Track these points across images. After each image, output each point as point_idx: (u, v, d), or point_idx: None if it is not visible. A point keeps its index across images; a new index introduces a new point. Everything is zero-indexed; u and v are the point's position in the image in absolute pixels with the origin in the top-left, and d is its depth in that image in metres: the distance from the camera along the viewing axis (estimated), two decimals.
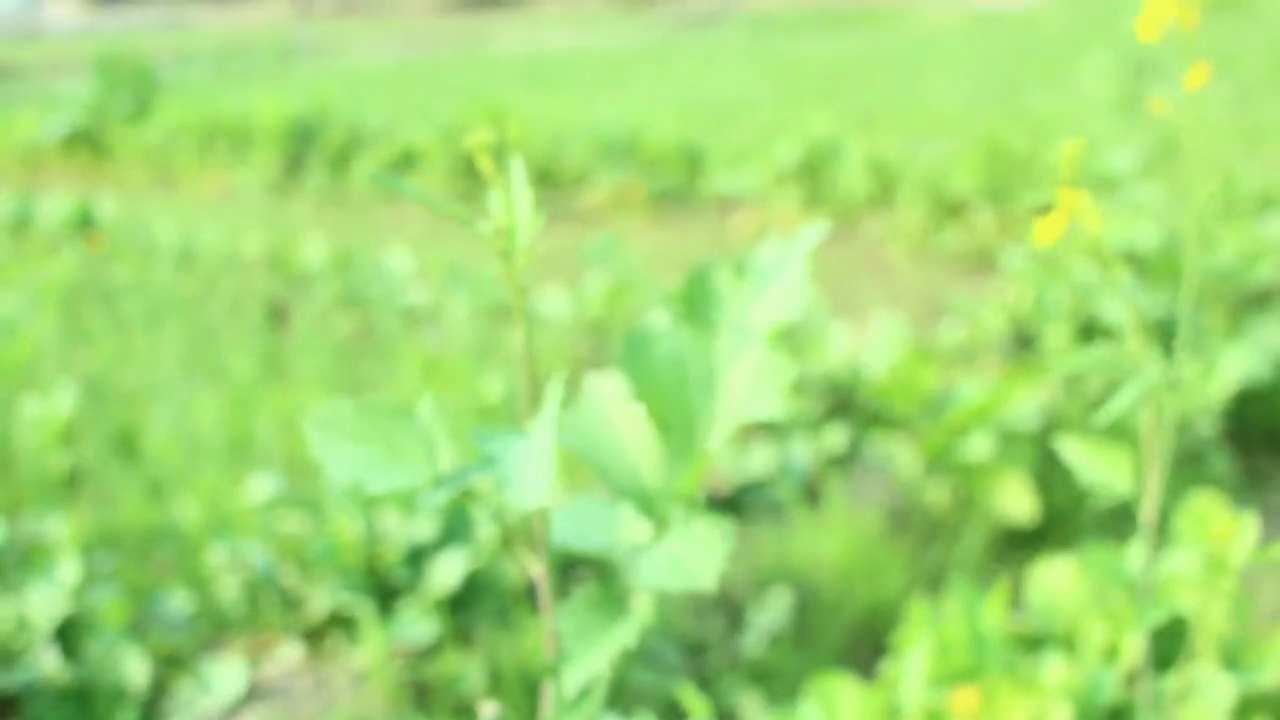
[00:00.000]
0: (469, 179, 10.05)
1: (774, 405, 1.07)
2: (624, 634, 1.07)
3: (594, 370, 4.97)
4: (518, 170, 1.10)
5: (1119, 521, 4.30)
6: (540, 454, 1.02)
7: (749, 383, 1.10)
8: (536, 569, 1.17)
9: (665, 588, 1.02)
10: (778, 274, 1.12)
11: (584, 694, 1.10)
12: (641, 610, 1.10)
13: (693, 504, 1.10)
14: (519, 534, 1.16)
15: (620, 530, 1.19)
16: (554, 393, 1.07)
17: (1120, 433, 4.42)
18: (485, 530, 3.33)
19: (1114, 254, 1.55)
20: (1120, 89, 8.77)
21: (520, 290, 1.11)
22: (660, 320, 1.14)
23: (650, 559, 1.07)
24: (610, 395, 1.17)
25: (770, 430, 4.39)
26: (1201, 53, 1.47)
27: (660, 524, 1.13)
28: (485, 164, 1.08)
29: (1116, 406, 1.55)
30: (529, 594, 3.38)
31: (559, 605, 1.10)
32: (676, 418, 1.13)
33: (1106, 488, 1.66)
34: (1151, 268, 5.21)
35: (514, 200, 1.09)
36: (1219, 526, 1.56)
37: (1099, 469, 1.68)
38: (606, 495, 1.19)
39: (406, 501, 3.42)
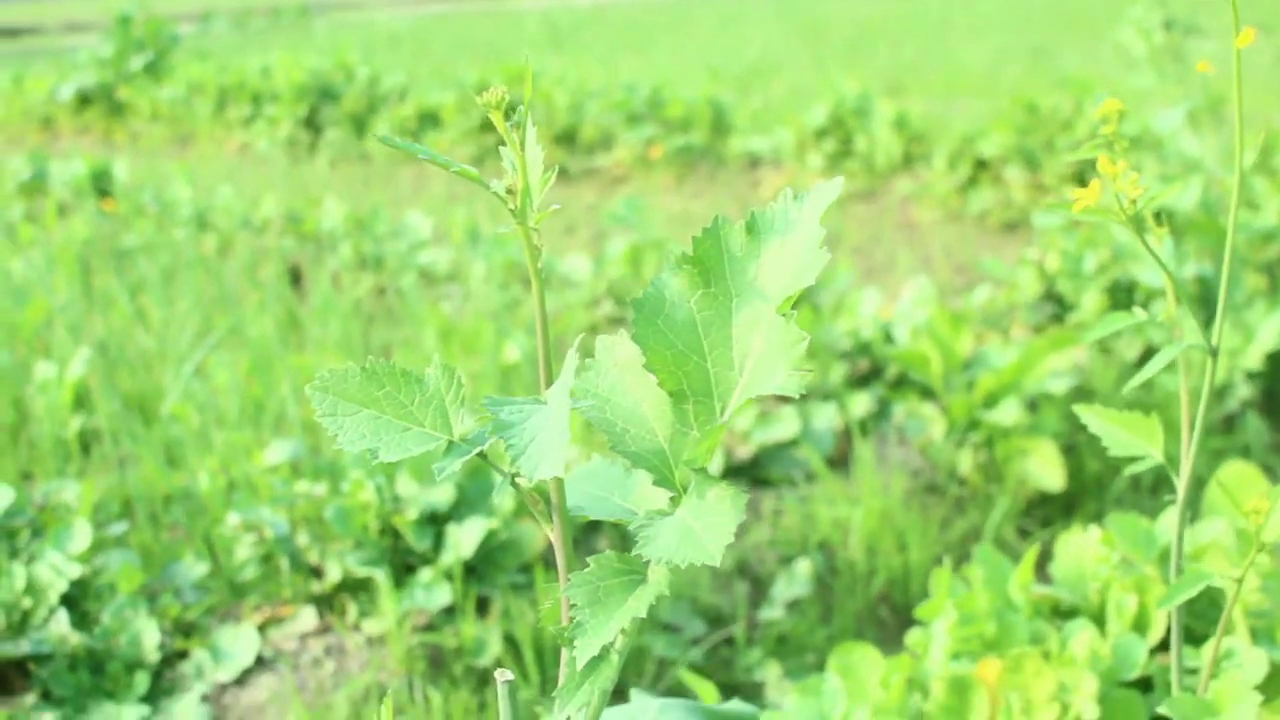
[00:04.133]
0: (488, 139, 10.03)
1: (791, 380, 1.06)
2: (638, 603, 1.07)
3: (616, 332, 4.97)
4: (530, 130, 1.09)
5: (1151, 490, 4.28)
6: (555, 424, 1.01)
7: (765, 353, 1.09)
8: (553, 534, 1.16)
9: (673, 559, 1.01)
10: (791, 231, 1.11)
11: (596, 663, 1.09)
12: (658, 580, 1.10)
13: (707, 474, 1.09)
14: (535, 498, 1.16)
15: (636, 498, 1.19)
16: (570, 361, 1.06)
17: (1151, 400, 4.40)
18: (503, 494, 3.33)
19: (1151, 215, 1.53)
20: (1159, 47, 8.71)
21: (534, 250, 1.10)
22: (673, 284, 1.13)
23: (664, 529, 1.06)
24: (625, 360, 1.16)
25: None
26: (1243, 9, 1.45)
27: (678, 492, 1.12)
28: (499, 121, 1.08)
29: (1147, 373, 1.54)
30: (549, 558, 3.38)
31: (574, 572, 1.10)
32: (691, 385, 1.12)
33: (1137, 456, 1.65)
34: (1192, 227, 5.17)
35: (527, 160, 1.09)
36: (1255, 500, 1.54)
37: (1128, 438, 1.66)
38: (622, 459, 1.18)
39: (423, 466, 3.42)
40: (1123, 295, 5.01)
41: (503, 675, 1.15)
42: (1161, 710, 1.71)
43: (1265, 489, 2.34)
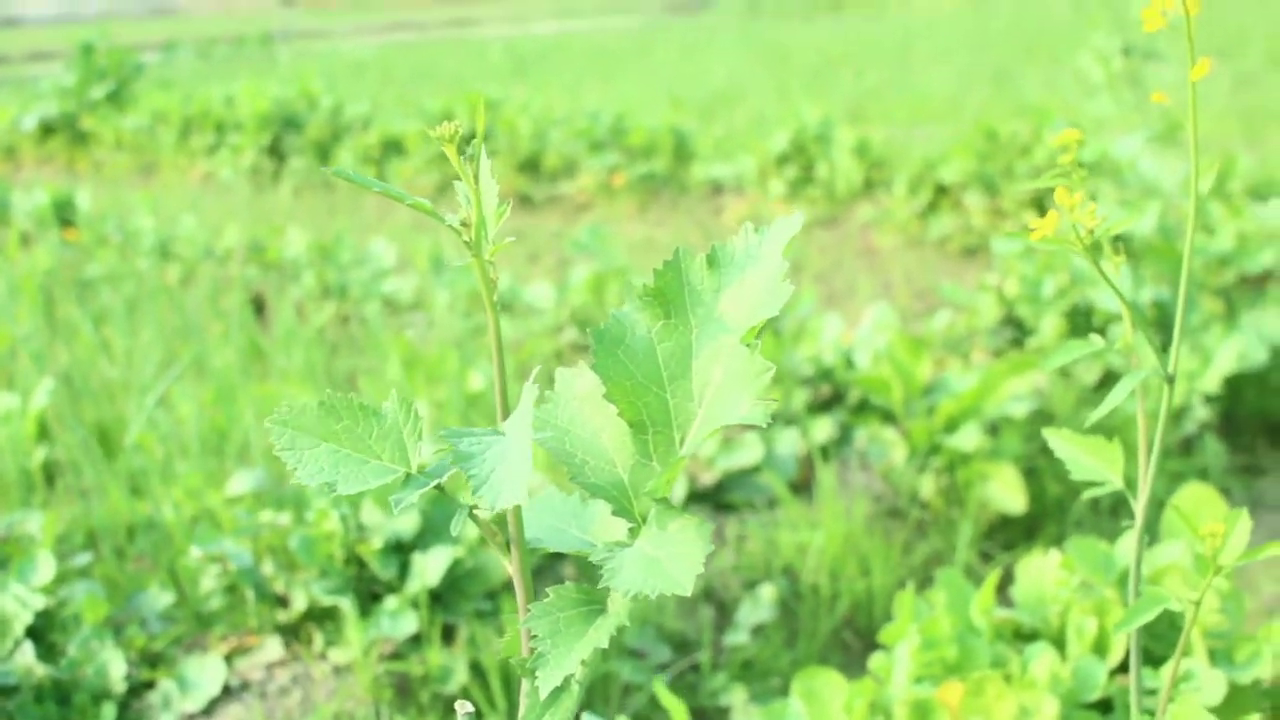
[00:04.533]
0: (451, 168, 10.02)
1: (754, 409, 1.06)
2: (599, 634, 1.07)
3: (580, 359, 4.96)
4: (485, 163, 1.10)
5: (1111, 512, 4.30)
6: (516, 454, 1.01)
7: (726, 383, 1.09)
8: (510, 566, 1.17)
9: (642, 590, 1.02)
10: (752, 265, 1.11)
11: (557, 694, 1.10)
12: (618, 610, 1.10)
13: (669, 504, 1.10)
14: (494, 530, 1.16)
15: (595, 529, 1.19)
16: (529, 392, 1.06)
17: (1111, 423, 4.42)
18: (460, 525, 3.32)
19: (1109, 242, 1.55)
20: (1117, 74, 8.77)
21: (489, 282, 1.10)
22: (633, 315, 1.13)
23: (628, 560, 1.06)
24: (584, 391, 1.16)
25: None
26: (1203, 39, 1.47)
27: (636, 523, 1.12)
28: (453, 156, 1.08)
29: (1109, 404, 1.55)
30: (513, 587, 3.38)
31: (534, 603, 1.10)
32: (651, 416, 1.12)
33: (1098, 481, 1.66)
34: (1149, 251, 5.21)
35: (481, 192, 1.09)
36: (1211, 523, 1.55)
37: (1090, 462, 1.67)
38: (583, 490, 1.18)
39: (387, 496, 3.41)
40: (1081, 319, 5.04)
41: (463, 707, 1.15)
42: None
43: (1223, 511, 2.35)
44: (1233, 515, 1.59)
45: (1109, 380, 4.76)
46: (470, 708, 1.15)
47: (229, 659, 3.27)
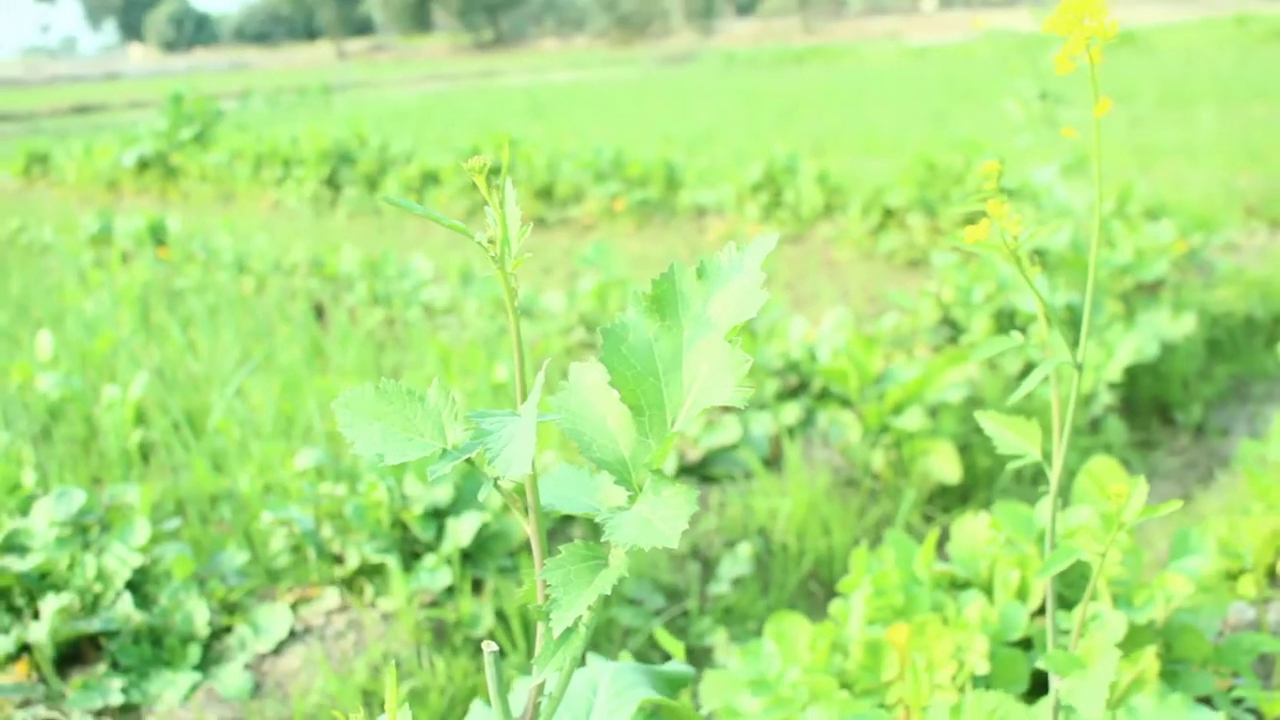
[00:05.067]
0: (480, 195, 10.01)
1: (735, 393, 1.07)
2: (602, 583, 1.07)
3: (586, 355, 4.95)
4: (510, 191, 1.10)
5: (1031, 481, 4.30)
6: (524, 432, 1.03)
7: (712, 372, 1.10)
8: (529, 527, 1.17)
9: (638, 544, 1.03)
10: (735, 276, 1.11)
11: (568, 634, 1.10)
12: (618, 563, 1.10)
13: (662, 475, 1.10)
14: (515, 498, 1.16)
15: (600, 496, 1.19)
16: (538, 382, 1.07)
17: (1031, 406, 4.42)
18: (488, 494, 3.32)
19: (1028, 254, 1.55)
20: (1035, 114, 8.77)
21: (511, 291, 1.10)
22: (634, 317, 1.13)
23: (626, 520, 1.07)
24: (592, 382, 1.16)
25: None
26: (1103, 83, 1.47)
27: (634, 491, 1.13)
28: (482, 185, 1.08)
29: (1027, 387, 1.55)
30: (531, 546, 3.37)
31: (549, 558, 1.10)
32: (648, 401, 1.12)
33: (1020, 454, 1.66)
34: (1062, 263, 5.21)
35: (506, 216, 1.09)
36: (1115, 488, 1.55)
37: (1014, 439, 1.67)
38: (591, 466, 1.19)
39: (424, 470, 3.41)
40: (1006, 320, 5.03)
41: (489, 647, 1.15)
42: (1040, 664, 1.72)
43: (1125, 479, 2.35)
44: (1132, 481, 1.58)
45: (1029, 371, 4.76)
46: (495, 647, 1.15)
47: (294, 607, 3.27)
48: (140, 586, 3.17)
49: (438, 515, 3.37)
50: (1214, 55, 24.56)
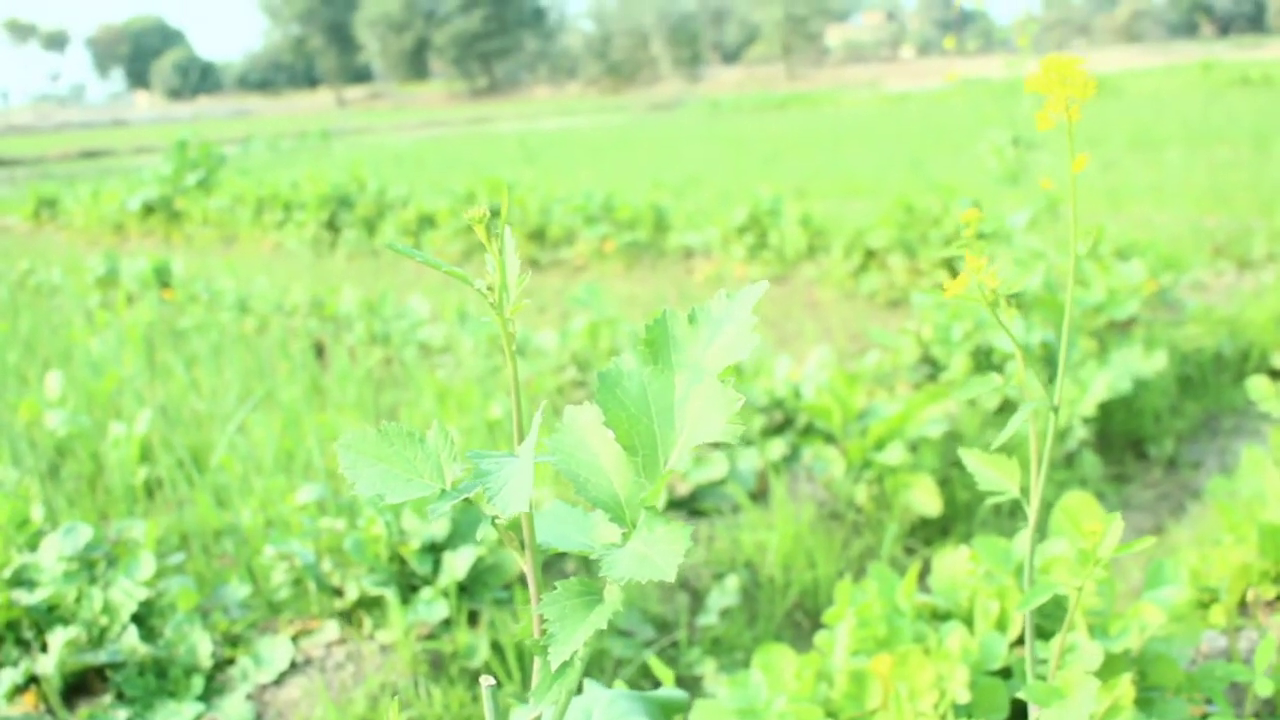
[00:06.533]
0: (475, 237, 10.03)
1: (725, 430, 1.08)
2: (597, 618, 1.07)
3: (578, 392, 4.93)
4: (509, 240, 1.10)
5: (1010, 513, 4.30)
6: (522, 473, 1.03)
7: (703, 412, 1.10)
8: (525, 564, 1.17)
9: (634, 578, 1.03)
10: (727, 322, 1.12)
11: (564, 667, 1.10)
12: (613, 598, 1.10)
13: (656, 511, 1.10)
14: (511, 535, 1.16)
15: (595, 533, 1.19)
16: (536, 422, 1.08)
17: (1009, 442, 4.43)
18: (485, 531, 3.31)
19: (1004, 296, 1.56)
20: (1009, 161, 8.83)
21: (509, 336, 1.10)
22: (628, 360, 1.14)
23: (622, 556, 1.07)
24: (587, 423, 1.17)
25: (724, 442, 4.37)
26: (1076, 128, 1.49)
27: (629, 528, 1.13)
28: (481, 233, 1.08)
29: (1008, 431, 1.55)
30: (526, 579, 3.36)
31: (545, 593, 1.10)
32: (642, 441, 1.13)
33: (999, 489, 1.66)
34: (1037, 303, 5.23)
35: (504, 262, 1.09)
36: (1090, 523, 1.56)
37: (992, 475, 1.68)
38: (586, 504, 1.19)
39: (423, 505, 3.41)
40: (984, 357, 5.05)
41: (486, 681, 1.15)
42: (1020, 695, 1.72)
43: (1099, 513, 2.36)
44: (1107, 518, 1.59)
45: (1007, 406, 4.77)
46: (493, 681, 1.15)
47: (295, 639, 3.26)
48: (145, 619, 3.15)
49: (434, 549, 3.37)
50: (1181, 100, 24.73)
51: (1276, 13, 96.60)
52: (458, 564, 3.28)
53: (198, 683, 2.99)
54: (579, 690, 1.64)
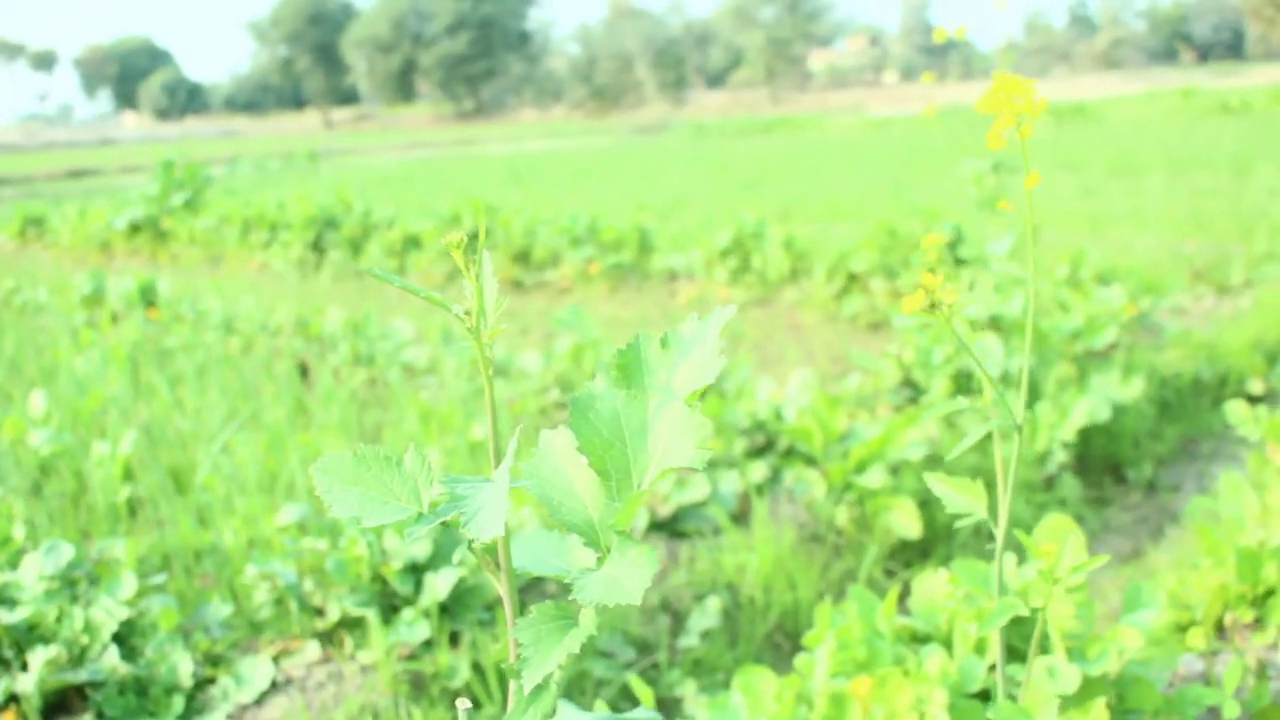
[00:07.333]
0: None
1: (695, 455, 1.08)
2: (572, 642, 1.07)
3: (561, 414, 4.93)
4: (487, 265, 1.10)
5: (990, 536, 4.31)
6: (496, 497, 1.04)
7: (673, 437, 1.10)
8: (501, 587, 1.17)
9: (604, 602, 1.03)
10: (697, 345, 1.12)
11: (539, 690, 1.10)
12: (588, 622, 1.10)
13: (627, 535, 1.10)
14: (488, 559, 1.16)
15: (570, 557, 1.19)
16: (511, 448, 1.08)
17: (988, 465, 4.44)
18: (462, 555, 3.31)
19: (981, 320, 1.57)
20: (989, 187, 8.87)
21: (486, 361, 1.10)
22: (600, 385, 1.14)
23: (593, 579, 1.07)
24: (561, 448, 1.17)
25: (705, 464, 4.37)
26: (1054, 155, 1.50)
27: (603, 552, 1.13)
28: (459, 259, 1.08)
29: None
30: None
31: (521, 617, 1.10)
32: (615, 466, 1.13)
33: (966, 513, 1.66)
34: (1016, 328, 5.25)
35: (482, 287, 1.09)
36: (1046, 546, 1.56)
37: (960, 499, 1.68)
38: (560, 528, 1.19)
39: (405, 527, 3.39)
40: (964, 381, 5.06)
41: (462, 704, 1.15)
42: (990, 716, 1.72)
43: (1075, 536, 2.36)
44: (1072, 540, 1.59)
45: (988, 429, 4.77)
46: (469, 704, 1.15)
47: (276, 659, 3.24)
48: (126, 638, 3.14)
49: (416, 570, 3.36)
50: (1161, 127, 24.87)
51: (1255, 40, 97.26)
52: (439, 585, 3.27)
53: (178, 702, 2.97)
54: (553, 712, 1.64)
